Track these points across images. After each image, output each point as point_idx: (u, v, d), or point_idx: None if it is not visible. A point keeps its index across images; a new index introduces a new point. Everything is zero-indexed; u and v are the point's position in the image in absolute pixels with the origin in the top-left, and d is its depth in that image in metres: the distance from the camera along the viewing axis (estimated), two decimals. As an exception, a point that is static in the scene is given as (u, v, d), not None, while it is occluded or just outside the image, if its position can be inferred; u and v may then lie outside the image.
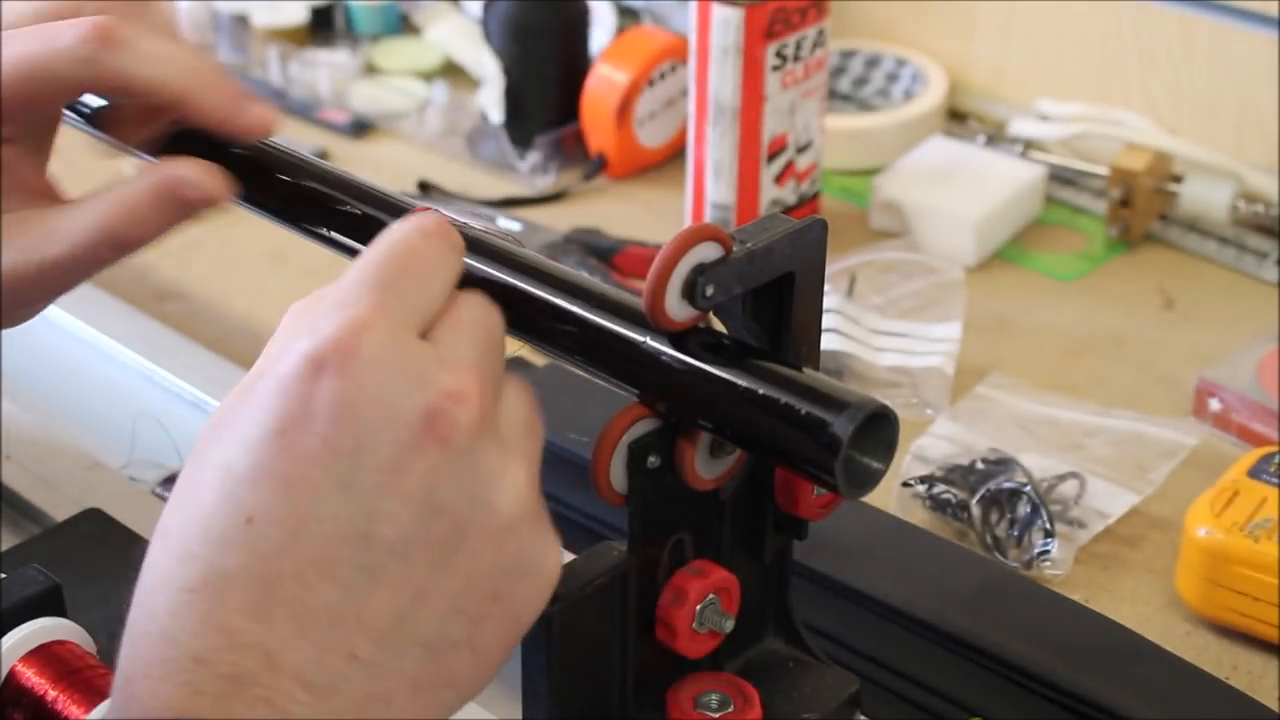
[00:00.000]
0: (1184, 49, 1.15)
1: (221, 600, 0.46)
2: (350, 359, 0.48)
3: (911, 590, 0.78)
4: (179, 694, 0.46)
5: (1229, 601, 0.80)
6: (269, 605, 0.46)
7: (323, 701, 0.46)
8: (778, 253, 0.56)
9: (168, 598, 0.47)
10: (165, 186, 0.60)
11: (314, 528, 0.47)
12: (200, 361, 0.93)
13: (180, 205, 0.61)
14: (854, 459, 0.52)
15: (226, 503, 0.47)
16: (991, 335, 1.04)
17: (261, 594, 0.46)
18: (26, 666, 0.62)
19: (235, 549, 0.47)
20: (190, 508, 0.48)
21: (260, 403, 0.48)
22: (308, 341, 0.48)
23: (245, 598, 0.46)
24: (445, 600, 0.48)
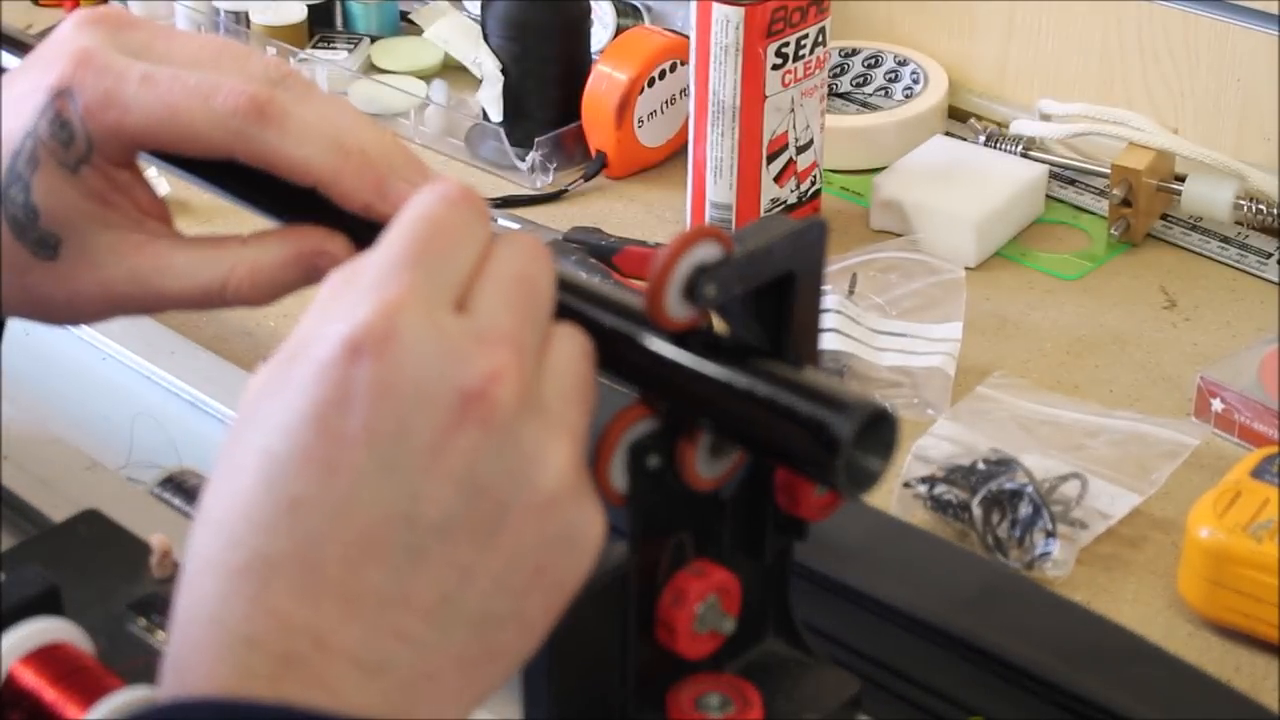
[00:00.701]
0: (1186, 48, 1.15)
1: (269, 584, 0.47)
2: (387, 343, 0.48)
3: (913, 591, 0.78)
4: (232, 676, 0.46)
5: (1231, 603, 0.80)
6: (317, 588, 0.47)
7: (374, 681, 0.47)
8: (778, 253, 0.56)
9: (215, 581, 0.47)
10: (306, 255, 0.60)
11: (358, 511, 0.47)
12: (199, 362, 0.93)
13: (310, 275, 0.60)
14: (855, 459, 0.52)
15: (269, 488, 0.48)
16: (993, 335, 1.04)
17: (309, 577, 0.47)
18: (25, 667, 0.62)
19: (280, 534, 0.47)
20: (232, 493, 0.49)
21: (298, 387, 0.48)
22: (344, 325, 0.48)
23: (293, 581, 0.47)
24: (490, 578, 0.48)
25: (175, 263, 0.61)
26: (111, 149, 0.60)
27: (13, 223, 0.60)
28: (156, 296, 0.61)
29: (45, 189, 0.60)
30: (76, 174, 0.60)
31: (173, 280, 0.61)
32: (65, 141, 0.60)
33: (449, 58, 1.32)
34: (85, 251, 0.61)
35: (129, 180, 0.62)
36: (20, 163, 0.60)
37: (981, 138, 1.19)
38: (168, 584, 0.70)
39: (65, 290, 0.61)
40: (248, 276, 0.60)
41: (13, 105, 0.61)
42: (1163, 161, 1.11)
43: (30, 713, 0.61)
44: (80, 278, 0.61)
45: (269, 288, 0.61)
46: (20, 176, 0.60)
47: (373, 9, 1.35)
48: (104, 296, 0.61)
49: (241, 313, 1.04)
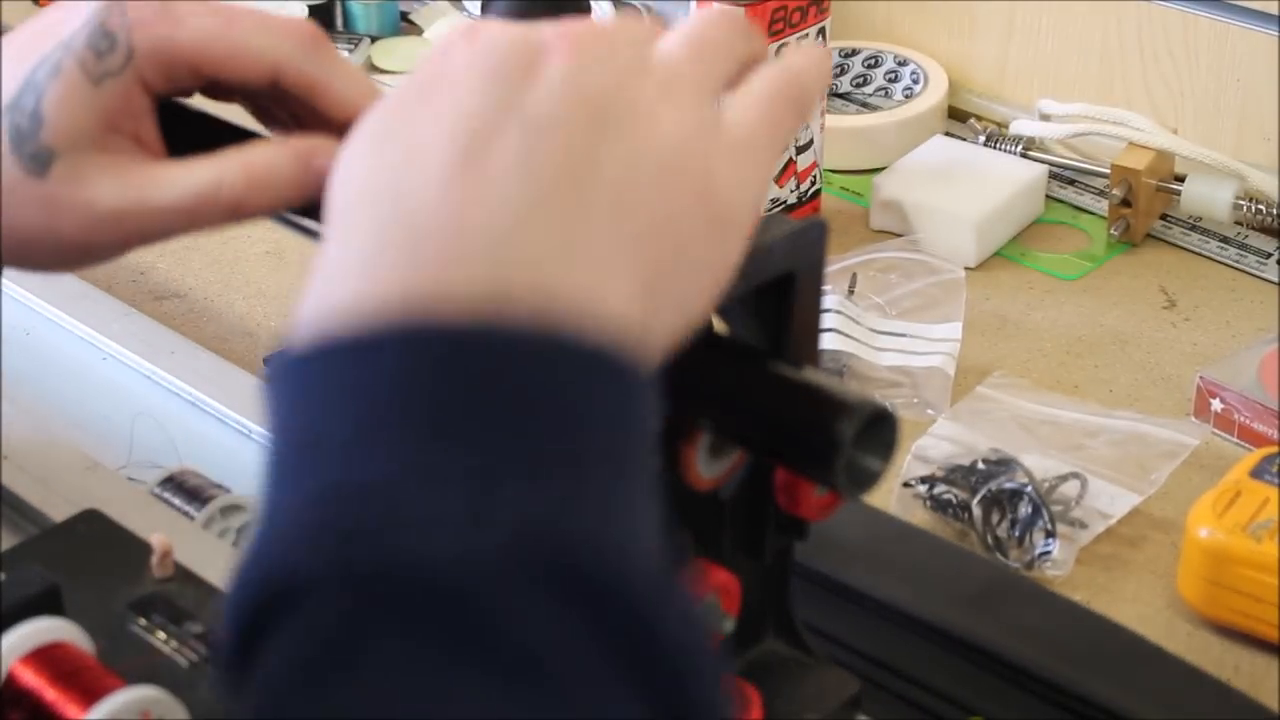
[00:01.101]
0: (1185, 48, 1.15)
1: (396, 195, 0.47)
2: (474, 32, 0.49)
3: (912, 591, 0.78)
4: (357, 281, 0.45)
5: (1231, 602, 0.80)
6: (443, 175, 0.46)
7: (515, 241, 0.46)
8: (778, 253, 0.56)
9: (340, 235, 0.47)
10: (303, 152, 0.59)
11: (467, 119, 0.47)
12: (199, 361, 0.93)
13: (306, 176, 0.59)
14: (855, 459, 0.52)
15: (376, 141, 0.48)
16: (992, 335, 1.04)
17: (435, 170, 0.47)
18: (25, 667, 0.62)
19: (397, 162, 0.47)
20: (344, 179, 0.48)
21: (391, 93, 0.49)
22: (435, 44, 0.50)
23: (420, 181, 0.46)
24: (617, 161, 0.48)
25: (166, 174, 0.60)
26: (152, 65, 0.59)
27: (14, 133, 0.59)
28: (146, 211, 0.59)
29: (57, 99, 0.59)
30: (98, 86, 0.59)
31: (163, 190, 0.59)
32: (102, 51, 0.59)
33: (449, 58, 1.31)
34: (75, 168, 0.59)
35: (144, 109, 0.61)
36: (42, 72, 0.59)
37: (981, 138, 1.19)
38: (168, 584, 0.70)
39: (46, 209, 0.60)
40: (243, 174, 0.59)
41: (56, 23, 0.60)
42: (1162, 161, 1.11)
43: (30, 712, 0.61)
44: (64, 196, 0.59)
45: (265, 187, 0.59)
46: (37, 85, 0.59)
47: (373, 9, 1.35)
48: (86, 218, 0.60)
49: (241, 312, 1.04)
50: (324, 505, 0.42)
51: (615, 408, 0.45)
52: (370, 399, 0.43)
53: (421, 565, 0.41)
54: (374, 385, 0.44)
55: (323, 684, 0.41)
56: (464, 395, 0.43)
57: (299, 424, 0.44)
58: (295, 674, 0.41)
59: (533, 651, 0.40)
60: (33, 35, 0.61)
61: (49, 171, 0.60)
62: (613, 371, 0.45)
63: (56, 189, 0.60)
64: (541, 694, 0.40)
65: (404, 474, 0.42)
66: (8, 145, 0.60)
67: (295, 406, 0.45)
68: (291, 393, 0.45)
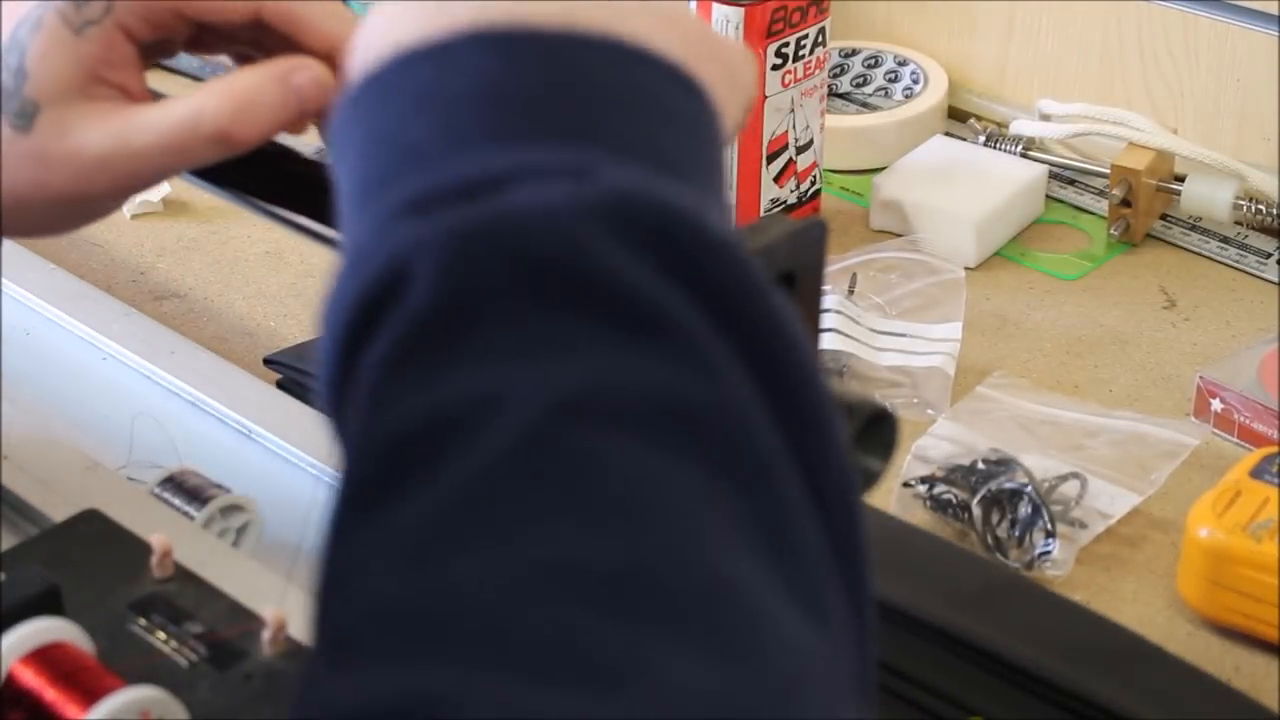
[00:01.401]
0: (1185, 48, 1.15)
1: None
2: None
3: (912, 590, 0.78)
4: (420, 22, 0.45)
5: (1231, 602, 0.80)
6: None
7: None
8: (778, 253, 0.56)
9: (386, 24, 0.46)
10: (283, 71, 0.58)
11: None
12: (199, 361, 0.93)
13: (291, 94, 0.58)
14: (855, 459, 0.52)
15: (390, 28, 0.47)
16: (992, 335, 1.04)
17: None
18: (25, 667, 0.62)
19: None
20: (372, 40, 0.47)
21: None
22: None
23: None
24: None
25: (149, 113, 0.59)
26: (132, 11, 0.59)
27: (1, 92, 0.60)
28: (130, 153, 0.59)
29: (40, 51, 0.59)
30: (80, 35, 0.59)
31: (147, 129, 0.59)
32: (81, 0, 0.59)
33: (449, 58, 1.32)
34: (59, 119, 0.59)
35: (127, 58, 0.60)
36: (25, 28, 0.59)
37: (981, 138, 1.19)
38: (168, 584, 0.70)
39: (33, 165, 0.59)
40: (225, 101, 0.58)
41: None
42: (1162, 161, 1.11)
43: (30, 713, 0.61)
44: (50, 148, 0.59)
45: (248, 112, 0.58)
46: (19, 42, 0.59)
47: (373, 9, 1.35)
48: (75, 167, 0.59)
49: (241, 312, 1.04)
50: (425, 196, 0.41)
51: (696, 117, 0.45)
52: (458, 99, 0.43)
53: (529, 219, 0.40)
54: (459, 86, 0.43)
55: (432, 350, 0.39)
56: (553, 90, 0.43)
57: (383, 133, 0.43)
58: (400, 353, 0.39)
59: (641, 300, 0.39)
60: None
61: (34, 125, 0.59)
62: (689, 87, 0.45)
63: (43, 142, 0.59)
64: (656, 346, 0.39)
65: (503, 167, 0.41)
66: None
67: (376, 118, 0.44)
68: (372, 104, 0.44)
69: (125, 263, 1.09)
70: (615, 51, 0.45)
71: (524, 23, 0.44)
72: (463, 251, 0.39)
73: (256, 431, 0.87)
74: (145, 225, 1.13)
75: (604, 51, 0.44)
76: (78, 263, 1.08)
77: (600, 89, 0.44)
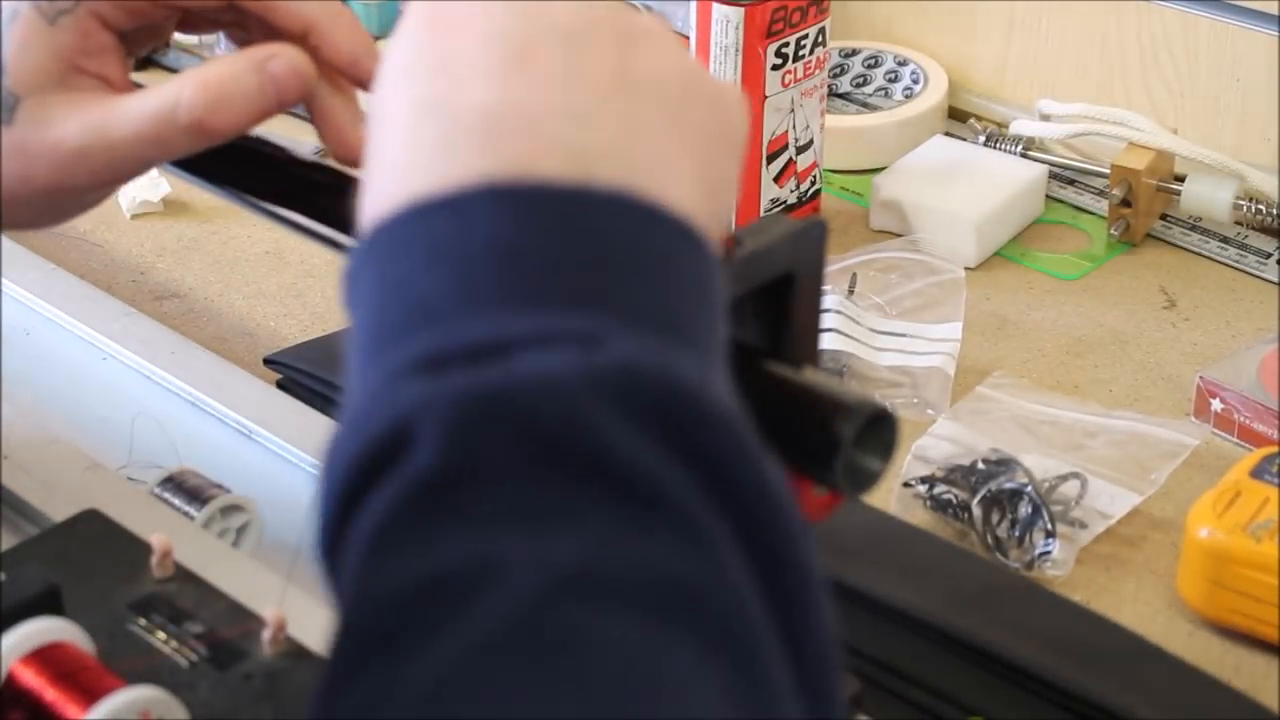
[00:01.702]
0: (1186, 48, 1.15)
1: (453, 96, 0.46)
2: None
3: (912, 591, 0.78)
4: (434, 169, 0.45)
5: (1231, 602, 0.80)
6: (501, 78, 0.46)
7: (588, 126, 0.46)
8: (778, 253, 0.56)
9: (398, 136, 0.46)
10: (259, 59, 0.58)
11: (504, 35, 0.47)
12: (199, 361, 0.93)
13: (268, 82, 0.58)
14: (855, 459, 0.52)
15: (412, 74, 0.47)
16: (992, 335, 1.04)
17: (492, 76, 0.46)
18: (25, 667, 0.62)
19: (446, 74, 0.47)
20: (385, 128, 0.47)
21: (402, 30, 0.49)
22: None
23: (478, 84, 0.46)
24: (648, 59, 0.48)
25: (125, 103, 0.59)
26: None
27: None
28: (108, 145, 0.59)
29: (17, 43, 0.59)
30: (54, 25, 0.59)
31: (124, 121, 0.59)
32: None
33: (449, 58, 1.32)
34: (39, 110, 0.59)
35: (105, 45, 0.60)
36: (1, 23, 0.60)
37: (981, 138, 1.19)
38: (168, 584, 0.70)
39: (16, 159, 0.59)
40: (200, 89, 0.58)
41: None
42: (1162, 161, 1.11)
43: (30, 713, 0.61)
44: (31, 140, 0.59)
45: (224, 100, 0.58)
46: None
47: (374, 9, 1.35)
48: (55, 159, 0.59)
49: (241, 312, 1.04)
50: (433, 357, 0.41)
51: (701, 274, 0.46)
52: (470, 256, 0.43)
53: (537, 388, 0.40)
54: (472, 241, 0.43)
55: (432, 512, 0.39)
56: (565, 251, 0.43)
57: (395, 285, 0.43)
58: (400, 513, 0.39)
59: (642, 476, 0.40)
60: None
61: (14, 117, 0.59)
62: (695, 242, 0.45)
63: (24, 134, 0.59)
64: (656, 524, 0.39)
65: (513, 332, 0.41)
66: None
67: (388, 269, 0.44)
68: (384, 255, 0.44)
69: (125, 263, 1.09)
70: (627, 209, 0.44)
71: (536, 176, 0.44)
72: (468, 417, 0.39)
73: (256, 431, 0.87)
74: (145, 225, 1.13)
75: (616, 209, 0.44)
76: (78, 263, 1.08)
77: (611, 250, 0.44)
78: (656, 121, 0.47)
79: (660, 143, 0.47)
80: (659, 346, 0.42)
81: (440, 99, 0.46)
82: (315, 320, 1.04)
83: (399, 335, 0.42)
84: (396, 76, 0.48)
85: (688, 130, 0.48)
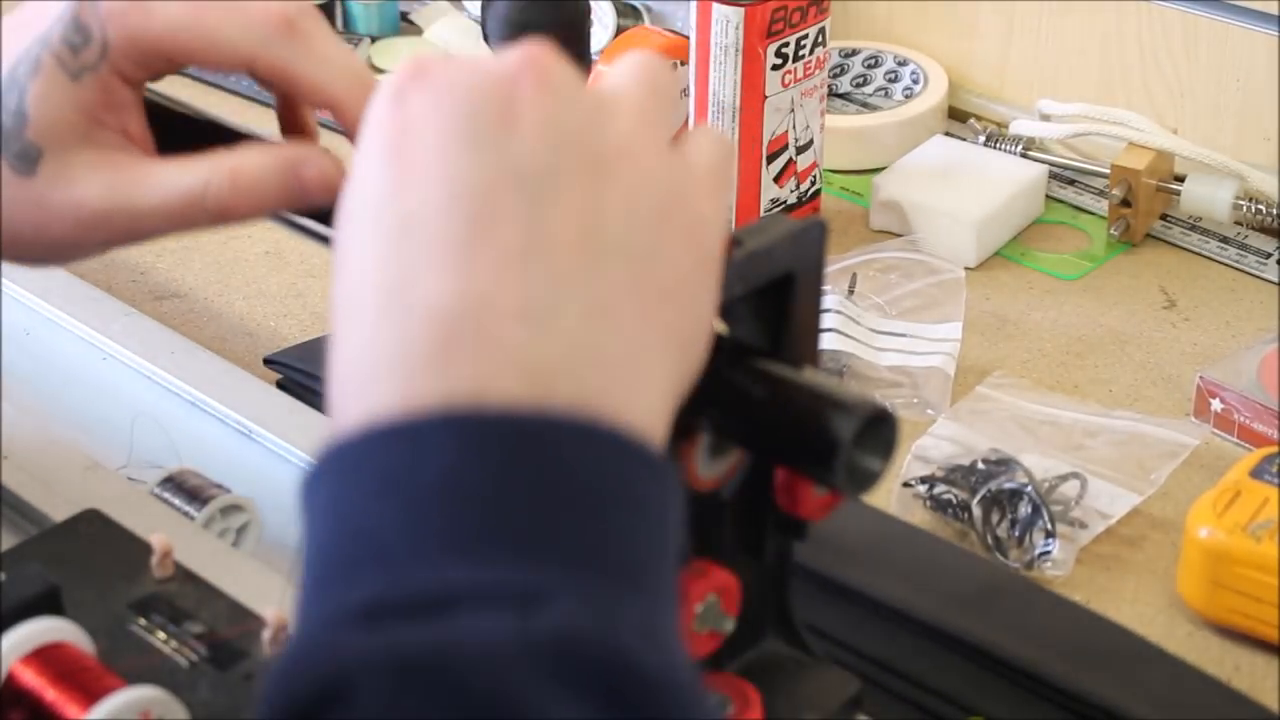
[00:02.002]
0: (1186, 48, 1.15)
1: (410, 290, 0.45)
2: (425, 72, 0.49)
3: (912, 591, 0.78)
4: (391, 384, 0.44)
5: (1231, 603, 0.80)
6: (458, 264, 0.45)
7: (547, 329, 0.45)
8: (778, 253, 0.56)
9: (360, 326, 0.46)
10: (291, 161, 0.59)
11: (464, 191, 0.46)
12: (199, 361, 0.93)
13: (296, 186, 0.59)
14: (855, 459, 0.52)
15: (375, 229, 0.47)
16: (992, 335, 1.04)
17: (447, 258, 0.46)
18: (25, 667, 0.62)
19: (404, 248, 0.46)
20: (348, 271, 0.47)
21: (363, 155, 0.49)
22: (384, 86, 0.49)
23: (433, 273, 0.45)
24: (618, 210, 0.47)
25: (153, 175, 0.60)
26: (128, 57, 0.59)
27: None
28: (132, 214, 0.59)
29: (40, 95, 0.59)
30: (77, 81, 0.59)
31: (150, 192, 0.59)
32: (77, 46, 0.59)
33: (449, 58, 1.32)
34: (64, 167, 0.59)
35: (127, 101, 0.61)
36: (22, 69, 0.59)
37: (981, 138, 1.19)
38: (168, 584, 0.70)
39: (35, 211, 0.60)
40: (229, 179, 0.59)
41: (31, 18, 0.60)
42: (1162, 161, 1.11)
43: (31, 713, 0.61)
44: (53, 195, 0.60)
45: (251, 194, 0.59)
46: (17, 82, 0.59)
47: (373, 9, 1.35)
48: (75, 218, 0.60)
49: (241, 312, 1.04)
50: (372, 610, 0.41)
51: (660, 505, 0.46)
52: (422, 492, 0.43)
53: (473, 654, 0.40)
54: (425, 476, 0.43)
55: None
56: (519, 491, 0.43)
57: (346, 513, 0.44)
58: None
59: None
60: (10, 31, 0.61)
61: (37, 170, 0.59)
62: (655, 469, 0.45)
63: (46, 189, 0.60)
64: None
65: (455, 586, 0.41)
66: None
67: (341, 492, 0.44)
68: (338, 476, 0.44)
69: (125, 263, 1.09)
70: (586, 439, 0.44)
71: (495, 403, 0.44)
72: (404, 680, 0.40)
73: (256, 431, 0.87)
74: (145, 225, 1.13)
75: (575, 439, 0.44)
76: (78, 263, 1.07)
77: (567, 488, 0.43)
78: (624, 302, 0.46)
79: (627, 333, 0.46)
80: (607, 600, 0.42)
81: (398, 288, 0.46)
82: (315, 320, 1.04)
83: (346, 571, 0.43)
84: (358, 228, 0.48)
85: (658, 293, 0.47)
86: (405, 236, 0.46)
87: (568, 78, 0.49)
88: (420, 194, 0.47)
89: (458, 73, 0.49)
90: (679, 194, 0.49)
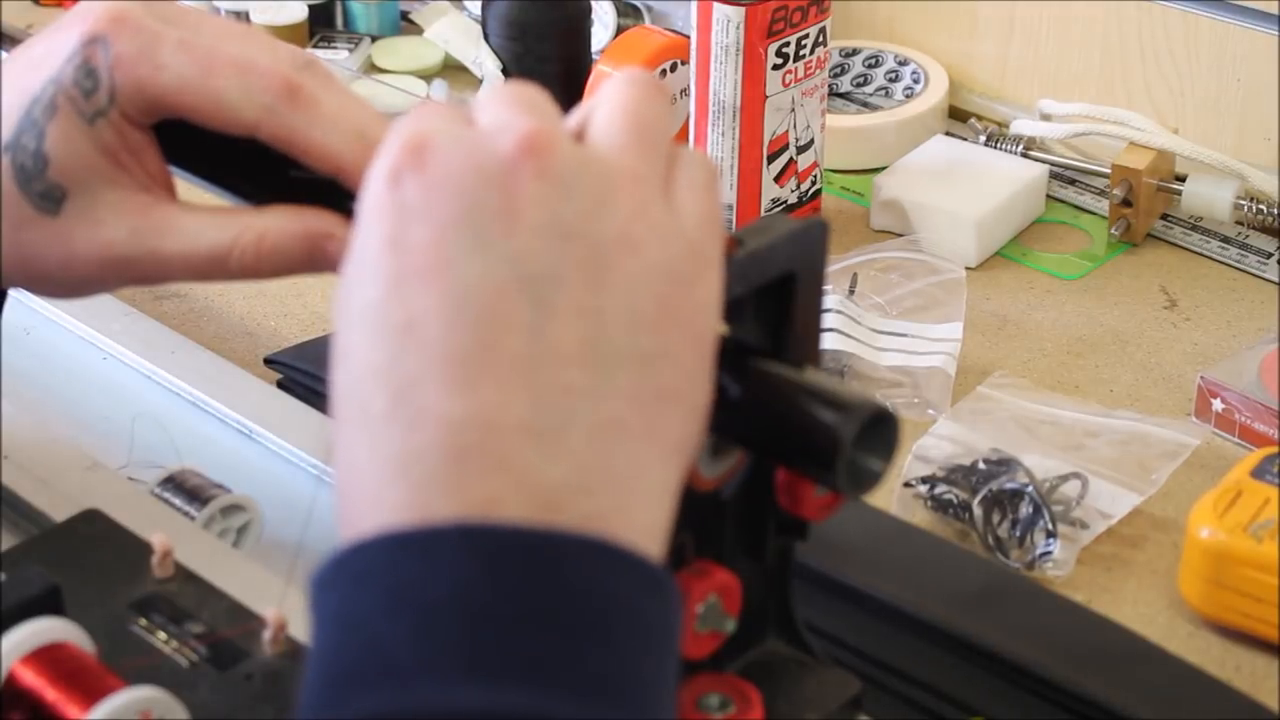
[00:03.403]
0: (1186, 48, 1.15)
1: (417, 400, 0.46)
2: (421, 153, 0.48)
3: (913, 591, 0.78)
4: (403, 498, 0.45)
5: (1232, 602, 0.80)
6: (464, 378, 0.46)
7: (555, 449, 0.45)
8: (779, 253, 0.56)
9: (365, 431, 0.46)
10: (315, 234, 0.60)
11: (467, 297, 0.47)
12: (199, 362, 0.93)
13: (319, 257, 0.60)
14: (856, 459, 0.52)
15: (377, 329, 0.47)
16: (993, 335, 1.04)
17: (452, 373, 0.46)
18: (26, 667, 0.62)
19: (409, 354, 0.46)
20: (349, 357, 0.48)
21: (361, 243, 0.49)
22: (380, 164, 0.49)
23: (439, 385, 0.46)
24: (621, 314, 0.48)
25: (180, 224, 0.60)
26: (134, 105, 0.60)
27: (19, 171, 0.60)
28: (156, 260, 0.60)
29: (59, 137, 0.60)
30: (92, 125, 0.60)
31: (176, 242, 0.60)
32: (88, 91, 0.59)
33: (450, 57, 1.32)
34: (89, 208, 0.60)
35: (141, 143, 0.61)
36: (38, 109, 0.60)
37: (982, 138, 1.19)
38: (168, 584, 0.70)
39: (61, 249, 0.60)
40: (254, 243, 0.59)
41: (43, 57, 0.61)
42: (1163, 161, 1.11)
43: (31, 713, 0.61)
44: (79, 236, 0.60)
45: (273, 258, 0.60)
46: (35, 123, 0.60)
47: (373, 9, 1.35)
48: (101, 259, 0.60)
49: (241, 312, 1.04)
50: None
51: (663, 621, 0.46)
52: (434, 607, 0.43)
53: None
54: (437, 590, 0.43)
55: None
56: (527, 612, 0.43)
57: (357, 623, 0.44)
58: None
59: None
60: (24, 68, 0.61)
61: (62, 209, 0.60)
62: (658, 585, 0.46)
63: (72, 229, 0.60)
64: None
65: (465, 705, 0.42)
66: (13, 184, 0.60)
67: (351, 598, 0.44)
68: (350, 581, 0.45)
69: (125, 262, 1.09)
70: (594, 561, 0.45)
71: (505, 519, 0.44)
72: None
73: (256, 431, 0.87)
74: (145, 225, 1.13)
75: (582, 562, 0.45)
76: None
77: (578, 611, 0.44)
78: (629, 414, 0.47)
79: (631, 447, 0.47)
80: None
81: (403, 394, 0.46)
82: (315, 320, 1.04)
83: (353, 681, 0.43)
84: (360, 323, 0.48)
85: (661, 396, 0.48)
86: (409, 341, 0.47)
87: (566, 159, 0.49)
88: (422, 299, 0.47)
89: (454, 157, 0.48)
90: (678, 279, 0.49)
